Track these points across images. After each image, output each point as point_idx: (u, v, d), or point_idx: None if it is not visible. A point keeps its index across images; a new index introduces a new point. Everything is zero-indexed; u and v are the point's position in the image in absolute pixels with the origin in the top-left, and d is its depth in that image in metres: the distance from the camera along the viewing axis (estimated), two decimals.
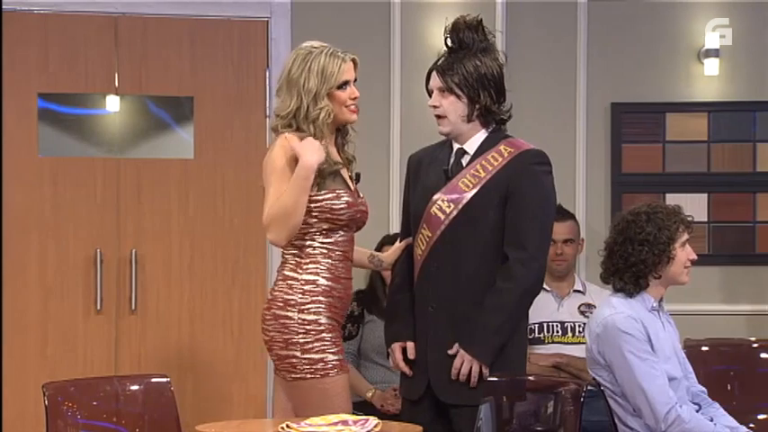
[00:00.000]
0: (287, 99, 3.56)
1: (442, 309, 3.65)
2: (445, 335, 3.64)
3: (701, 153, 5.34)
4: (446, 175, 3.68)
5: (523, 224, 3.58)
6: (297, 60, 3.56)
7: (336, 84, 3.56)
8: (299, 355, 3.50)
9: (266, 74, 5.30)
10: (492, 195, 3.61)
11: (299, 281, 3.54)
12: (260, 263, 5.30)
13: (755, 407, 4.79)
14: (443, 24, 5.18)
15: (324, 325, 3.54)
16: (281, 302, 3.54)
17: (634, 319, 3.64)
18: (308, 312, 3.52)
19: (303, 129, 3.53)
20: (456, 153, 3.71)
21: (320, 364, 3.51)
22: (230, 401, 5.24)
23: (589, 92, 5.36)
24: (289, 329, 3.51)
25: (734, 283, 5.34)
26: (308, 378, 3.51)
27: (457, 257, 3.62)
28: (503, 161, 3.63)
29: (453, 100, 3.65)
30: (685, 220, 3.71)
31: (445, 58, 3.69)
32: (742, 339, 5.06)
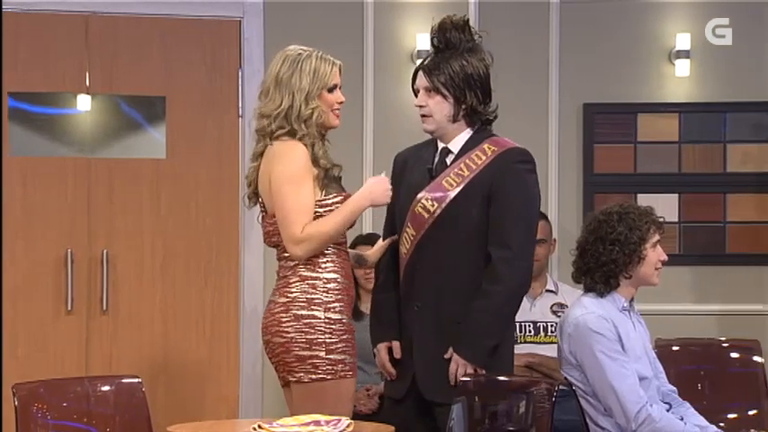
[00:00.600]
0: (276, 99, 3.54)
1: (427, 308, 3.64)
2: (430, 334, 3.64)
3: (672, 154, 5.37)
4: (430, 173, 3.68)
5: (508, 223, 3.58)
6: (286, 62, 3.55)
7: (328, 85, 3.56)
8: (324, 355, 3.46)
9: (239, 74, 5.29)
10: (475, 194, 3.61)
11: (320, 279, 3.51)
12: (232, 263, 5.29)
13: (725, 406, 4.83)
14: (416, 24, 5.31)
15: (346, 325, 3.53)
16: (303, 302, 3.49)
17: (605, 318, 3.64)
18: (334, 311, 3.50)
19: (294, 129, 3.51)
20: (441, 152, 3.71)
21: (340, 365, 3.49)
22: (202, 402, 5.23)
23: (561, 92, 5.38)
24: (315, 329, 3.47)
25: (704, 283, 5.36)
26: (327, 379, 3.47)
27: (441, 256, 3.62)
28: (486, 160, 3.63)
29: (439, 100, 3.65)
30: (656, 221, 3.71)
31: (432, 57, 3.68)
32: (712, 339, 5.08)
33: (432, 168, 3.69)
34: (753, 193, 5.35)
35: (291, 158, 3.49)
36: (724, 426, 4.55)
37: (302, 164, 3.48)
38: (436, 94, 3.64)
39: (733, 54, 5.34)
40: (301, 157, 3.49)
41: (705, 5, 5.33)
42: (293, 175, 3.47)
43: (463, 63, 3.62)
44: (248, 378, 5.27)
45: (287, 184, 3.47)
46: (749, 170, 5.35)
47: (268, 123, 3.54)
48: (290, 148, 3.51)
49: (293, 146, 3.51)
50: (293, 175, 3.47)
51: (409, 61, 5.35)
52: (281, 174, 3.49)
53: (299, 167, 3.48)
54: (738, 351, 4.97)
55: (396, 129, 5.25)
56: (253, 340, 5.20)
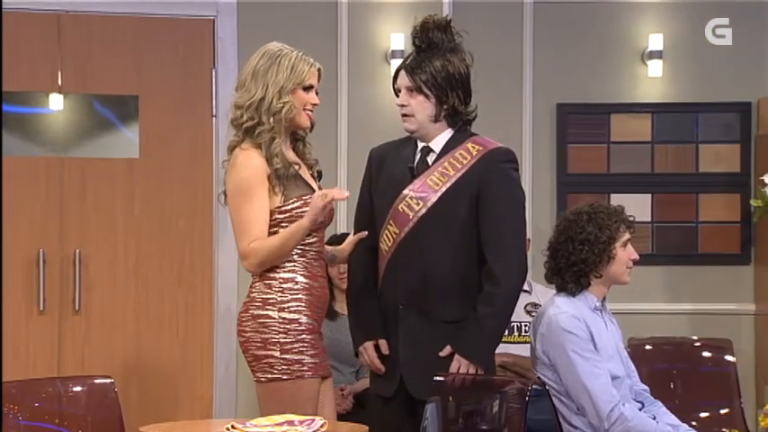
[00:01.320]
0: (251, 90, 3.53)
1: (413, 306, 3.64)
2: (416, 332, 3.63)
3: (645, 154, 5.38)
4: (411, 172, 3.68)
5: (501, 225, 3.60)
6: (266, 56, 3.56)
7: (304, 83, 3.55)
8: (278, 354, 3.46)
9: (212, 73, 5.28)
10: (462, 194, 3.61)
11: (277, 279, 3.50)
12: (206, 263, 5.27)
13: (697, 405, 4.86)
14: (390, 24, 5.31)
15: (304, 325, 3.50)
16: (259, 302, 3.50)
17: (577, 318, 3.65)
18: (289, 311, 3.48)
19: (263, 121, 3.50)
20: (421, 150, 3.70)
21: (296, 365, 3.47)
22: (176, 402, 5.20)
23: (535, 92, 5.38)
24: (269, 329, 3.47)
25: (677, 282, 5.38)
26: (283, 379, 3.46)
27: (427, 255, 3.61)
28: (471, 159, 3.64)
29: (422, 99, 3.64)
30: (626, 220, 3.72)
31: (414, 57, 3.67)
32: (684, 338, 5.12)
33: (413, 167, 3.69)
34: (724, 194, 5.38)
35: (239, 169, 3.49)
36: (696, 425, 4.57)
37: (253, 174, 3.47)
38: (418, 94, 3.64)
39: (707, 54, 5.38)
40: (253, 169, 3.48)
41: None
42: (242, 187, 3.47)
43: (445, 63, 3.62)
44: (222, 378, 5.25)
45: (236, 197, 3.48)
46: (721, 170, 5.38)
47: (240, 114, 3.54)
48: (245, 158, 3.50)
49: (248, 155, 3.49)
50: (242, 188, 3.47)
51: (383, 61, 5.35)
52: (232, 185, 3.50)
53: (249, 179, 3.47)
54: (710, 350, 5.01)
55: (370, 128, 5.24)
56: (226, 340, 5.20)
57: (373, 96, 5.30)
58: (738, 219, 5.36)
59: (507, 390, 3.45)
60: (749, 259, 5.36)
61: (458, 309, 3.63)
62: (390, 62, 5.30)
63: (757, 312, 5.35)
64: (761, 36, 5.36)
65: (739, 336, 5.24)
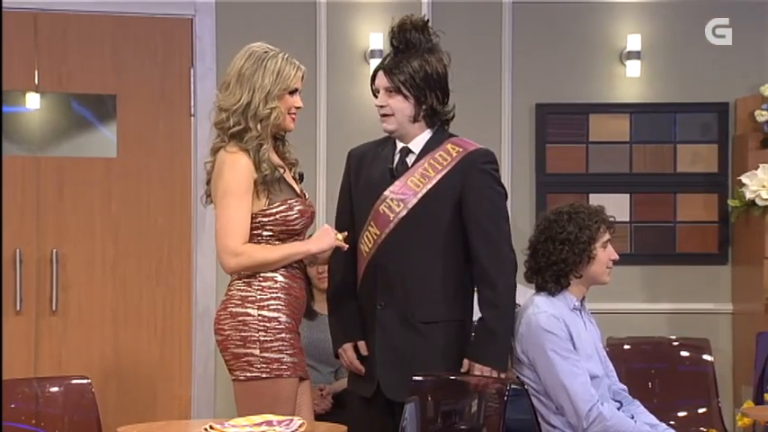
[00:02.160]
0: (236, 93, 3.49)
1: (391, 307, 3.64)
2: (394, 333, 3.63)
3: (624, 154, 5.39)
4: (391, 173, 3.68)
5: (489, 226, 3.61)
6: (251, 58, 3.52)
7: (290, 88, 3.53)
8: (257, 353, 3.43)
9: (191, 72, 5.26)
10: (443, 196, 3.61)
11: (256, 278, 3.47)
12: (184, 263, 5.26)
13: (676, 404, 4.90)
14: (369, 24, 5.30)
15: (283, 323, 3.47)
16: (238, 300, 3.47)
17: (556, 317, 3.65)
18: (268, 309, 3.46)
19: (250, 127, 3.47)
20: (401, 151, 3.70)
21: (276, 364, 3.44)
22: (154, 403, 5.18)
23: (514, 92, 5.38)
24: (248, 326, 3.44)
25: (655, 282, 5.39)
26: (262, 377, 3.43)
27: (407, 256, 3.61)
28: (452, 161, 3.64)
29: (400, 99, 3.64)
30: (607, 221, 3.73)
31: (392, 57, 3.67)
32: (663, 338, 5.14)
33: (392, 168, 3.69)
34: (702, 193, 5.39)
35: (228, 171, 3.46)
36: (674, 424, 4.59)
37: (242, 177, 3.46)
38: (397, 94, 3.64)
39: (684, 54, 5.39)
40: (243, 171, 3.46)
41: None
42: (233, 188, 3.45)
43: (423, 63, 3.62)
44: (200, 378, 5.24)
45: (227, 196, 3.45)
46: (699, 170, 5.39)
47: (226, 118, 3.51)
48: (234, 160, 3.47)
49: (237, 158, 3.47)
50: (233, 189, 3.45)
51: (362, 61, 5.34)
52: (222, 186, 3.47)
53: (239, 181, 3.46)
54: (688, 350, 5.06)
55: (349, 128, 5.24)
56: (205, 340, 5.18)
57: (352, 96, 5.29)
58: (716, 219, 5.38)
59: (486, 389, 3.44)
60: (727, 259, 5.38)
61: (436, 310, 3.63)
62: (369, 62, 5.29)
63: (735, 312, 5.37)
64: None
65: (717, 335, 5.25)
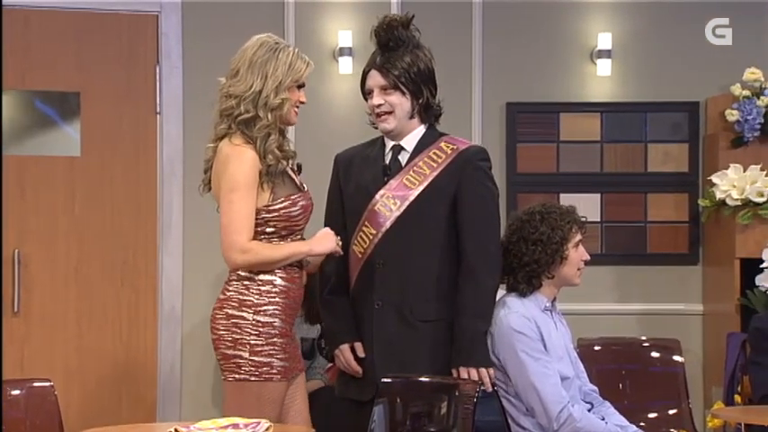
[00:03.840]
0: (247, 80, 3.47)
1: (389, 306, 3.63)
2: (391, 332, 3.62)
3: (595, 153, 5.38)
4: (384, 172, 3.67)
5: (481, 223, 3.62)
6: (263, 47, 3.50)
7: (300, 81, 3.53)
8: (247, 356, 3.43)
9: (156, 69, 5.21)
10: (440, 193, 3.62)
11: (255, 281, 3.47)
12: (150, 264, 5.21)
13: (646, 405, 4.90)
14: (338, 21, 5.26)
15: (277, 329, 3.47)
16: (235, 302, 3.46)
17: (527, 318, 3.66)
18: (264, 314, 3.46)
19: (260, 116, 3.46)
20: (392, 149, 3.70)
21: (265, 368, 3.44)
22: (118, 406, 5.13)
23: (484, 91, 5.36)
24: (241, 330, 3.44)
25: (626, 282, 5.38)
26: (251, 380, 3.44)
27: (405, 254, 3.62)
28: (447, 159, 3.65)
29: (399, 96, 3.65)
30: (579, 221, 3.74)
31: (380, 56, 3.66)
32: (633, 339, 5.14)
33: (386, 166, 3.67)
34: (672, 193, 5.38)
35: (235, 166, 3.44)
36: (644, 425, 4.61)
37: (249, 171, 3.44)
38: (395, 92, 3.64)
39: (655, 53, 5.37)
40: (249, 164, 3.44)
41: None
42: (240, 182, 3.43)
43: (414, 58, 3.65)
44: (166, 380, 5.19)
45: (234, 191, 3.43)
46: (669, 170, 5.38)
47: (236, 104, 3.48)
48: (240, 153, 3.45)
49: (239, 151, 3.45)
50: (240, 183, 3.43)
51: (331, 58, 5.30)
52: (228, 180, 3.44)
53: (245, 175, 3.43)
54: (659, 350, 5.07)
55: (319, 126, 5.20)
56: (171, 341, 5.16)
57: (321, 94, 5.25)
58: (687, 219, 5.37)
59: (456, 391, 3.43)
60: (697, 259, 5.38)
61: (435, 308, 3.63)
62: (338, 60, 5.25)
63: (705, 312, 5.36)
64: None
65: (687, 336, 5.25)
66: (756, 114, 5.07)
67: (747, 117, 5.08)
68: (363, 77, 3.71)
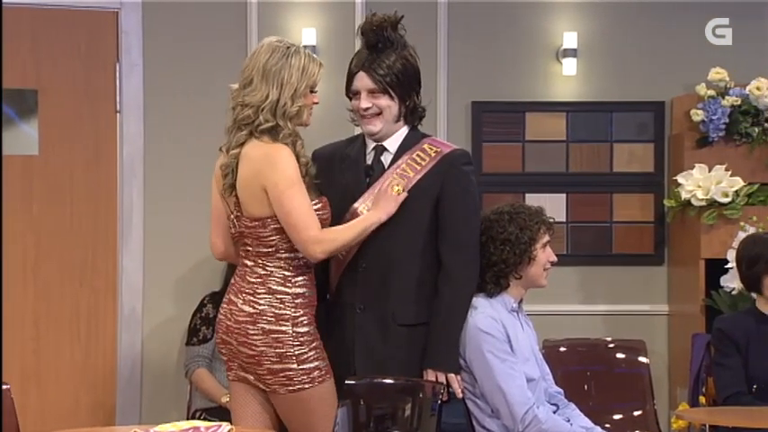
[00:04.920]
0: (262, 90, 3.46)
1: (371, 310, 3.61)
2: (373, 337, 3.60)
3: (560, 153, 5.36)
4: (367, 173, 3.65)
5: (461, 226, 3.60)
6: (276, 53, 3.48)
7: (314, 86, 3.53)
8: (296, 366, 3.46)
9: (116, 67, 5.15)
10: (424, 196, 3.60)
11: (289, 295, 3.49)
12: (110, 264, 5.16)
13: (611, 407, 4.91)
14: (301, 19, 5.21)
15: (313, 334, 3.52)
16: (271, 317, 3.47)
17: (494, 319, 3.64)
18: (302, 325, 3.49)
19: (281, 125, 3.46)
20: (375, 150, 3.67)
21: (316, 372, 3.49)
22: (76, 410, 5.06)
23: (449, 91, 5.34)
24: (284, 344, 3.46)
25: (591, 283, 5.37)
26: (306, 388, 3.47)
27: (387, 257, 3.59)
28: (431, 161, 3.63)
29: (387, 99, 3.62)
30: (547, 222, 3.74)
31: (367, 56, 3.62)
32: (599, 339, 5.14)
33: (369, 167, 3.65)
34: (638, 193, 5.37)
35: (285, 163, 3.45)
36: (609, 427, 4.62)
37: (295, 167, 3.46)
38: (383, 95, 3.61)
39: (621, 53, 5.37)
40: (293, 161, 3.46)
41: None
42: (292, 178, 3.44)
43: (404, 61, 3.62)
44: (126, 383, 5.14)
45: (289, 189, 3.43)
46: (635, 170, 5.38)
47: (254, 113, 3.47)
48: (278, 151, 3.45)
49: (279, 149, 3.46)
50: (292, 179, 3.44)
51: None
52: (280, 180, 3.44)
53: (294, 171, 3.45)
54: (624, 351, 5.08)
55: None
56: (131, 344, 5.11)
57: None
58: (652, 219, 5.36)
59: (420, 392, 3.42)
60: (663, 260, 5.37)
61: (417, 311, 3.61)
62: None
63: (670, 313, 5.36)
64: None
65: (653, 337, 5.25)
66: (721, 114, 5.08)
67: (712, 117, 5.08)
68: (350, 77, 3.66)
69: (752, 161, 5.10)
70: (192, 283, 5.07)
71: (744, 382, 4.18)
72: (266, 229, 3.48)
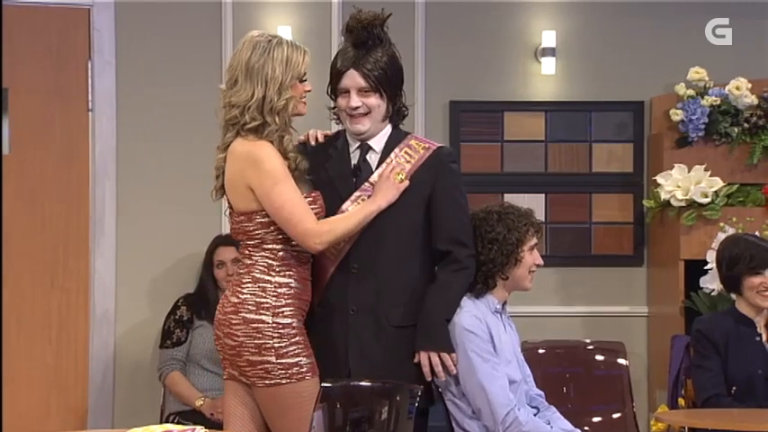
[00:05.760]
0: (247, 89, 3.44)
1: (364, 311, 3.57)
2: (367, 338, 3.56)
3: (539, 153, 5.35)
4: (354, 173, 3.61)
5: (458, 223, 3.61)
6: (257, 49, 3.45)
7: (300, 76, 3.49)
8: (274, 360, 3.42)
9: (88, 65, 5.11)
10: (414, 194, 3.58)
11: (272, 283, 3.46)
12: (82, 265, 5.11)
13: (590, 409, 4.90)
14: (276, 17, 5.19)
15: (296, 329, 3.47)
16: (252, 305, 3.44)
17: (479, 318, 3.63)
18: (283, 316, 3.44)
19: (268, 122, 3.44)
20: (360, 149, 3.64)
21: (295, 368, 3.44)
22: (47, 414, 5.02)
23: (427, 90, 5.31)
24: (263, 334, 3.42)
25: (570, 284, 5.35)
26: (283, 383, 3.43)
27: (379, 257, 3.56)
28: (419, 159, 3.61)
29: (377, 98, 3.58)
30: (535, 224, 3.73)
31: (355, 53, 3.57)
32: (578, 341, 5.13)
33: (356, 166, 3.62)
34: (617, 194, 5.36)
35: (268, 160, 3.43)
36: (589, 429, 4.64)
37: (280, 162, 3.44)
38: (374, 94, 3.57)
39: (600, 52, 5.35)
40: (276, 156, 3.44)
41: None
42: (277, 174, 3.43)
43: (392, 60, 3.60)
44: (98, 387, 5.10)
45: (276, 185, 3.42)
46: (614, 170, 5.37)
47: (240, 113, 3.45)
48: (259, 148, 3.43)
49: (261, 146, 3.44)
50: (280, 175, 3.43)
51: None
52: (266, 177, 3.43)
53: (279, 166, 3.44)
54: (603, 353, 5.09)
55: None
56: (104, 346, 5.07)
57: None
58: (631, 219, 5.36)
59: (397, 396, 3.39)
60: (642, 261, 5.36)
61: (411, 313, 3.57)
62: None
63: (650, 314, 5.35)
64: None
65: (632, 338, 5.24)
66: (701, 114, 5.07)
67: (692, 117, 5.08)
68: (337, 76, 3.60)
69: (731, 161, 5.10)
70: (166, 285, 5.04)
71: (723, 384, 4.17)
72: (251, 223, 3.47)
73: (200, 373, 4.80)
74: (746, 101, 5.07)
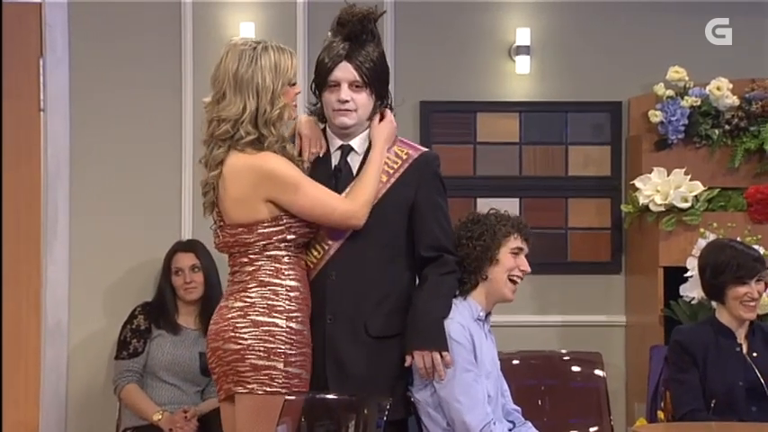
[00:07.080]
0: (236, 102, 3.39)
1: (342, 320, 3.53)
2: (345, 349, 3.52)
3: (513, 155, 5.28)
4: (335, 174, 3.57)
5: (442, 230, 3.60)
6: (243, 58, 3.40)
7: (291, 80, 3.46)
8: (281, 366, 3.36)
9: (40, 62, 5.01)
10: (398, 201, 3.57)
11: (283, 287, 3.41)
12: (33, 274, 5.00)
13: (566, 423, 4.85)
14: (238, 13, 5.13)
15: (306, 338, 3.43)
16: (263, 308, 3.38)
17: (462, 326, 3.61)
18: (296, 321, 3.40)
19: (265, 134, 3.40)
20: (342, 150, 3.60)
21: (296, 380, 3.39)
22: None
23: (397, 90, 5.13)
24: (275, 338, 3.36)
25: (545, 292, 5.27)
26: (281, 393, 3.36)
27: (360, 265, 3.54)
28: (404, 164, 3.60)
29: (366, 95, 3.56)
30: (522, 229, 3.73)
31: (352, 48, 3.53)
32: (553, 352, 5.09)
33: (337, 168, 3.58)
34: (594, 198, 5.30)
35: (279, 168, 3.40)
36: None
37: (289, 165, 3.43)
38: (364, 90, 3.55)
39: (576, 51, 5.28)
40: (283, 161, 3.42)
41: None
42: (295, 178, 3.41)
43: (382, 58, 3.59)
44: (50, 401, 5.00)
45: (299, 189, 3.41)
46: (590, 173, 5.30)
47: (232, 128, 3.39)
48: (265, 160, 3.40)
49: (267, 158, 3.40)
50: (295, 179, 3.41)
51: None
52: (286, 185, 3.40)
53: (292, 169, 3.43)
54: (579, 364, 5.05)
55: None
56: (56, 358, 4.98)
57: None
58: (609, 225, 5.28)
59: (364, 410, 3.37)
60: (620, 268, 5.29)
61: (390, 322, 3.54)
62: None
63: (628, 324, 5.28)
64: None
65: (609, 349, 5.17)
66: (680, 115, 4.99)
67: (671, 118, 5.00)
68: (326, 69, 3.52)
69: (712, 165, 5.03)
70: (123, 293, 4.95)
71: (701, 398, 4.09)
72: (252, 234, 3.42)
73: (159, 386, 4.69)
74: (728, 102, 5.00)
